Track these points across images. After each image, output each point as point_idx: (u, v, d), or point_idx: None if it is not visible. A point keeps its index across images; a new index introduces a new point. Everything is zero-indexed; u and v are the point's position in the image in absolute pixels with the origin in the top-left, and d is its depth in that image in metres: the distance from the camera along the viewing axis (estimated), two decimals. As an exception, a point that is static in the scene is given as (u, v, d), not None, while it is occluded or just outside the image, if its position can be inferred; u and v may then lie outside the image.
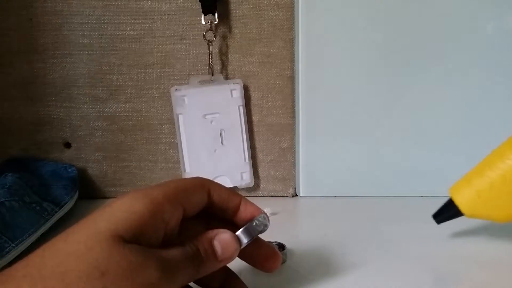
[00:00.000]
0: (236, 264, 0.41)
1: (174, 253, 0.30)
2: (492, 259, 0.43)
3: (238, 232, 0.33)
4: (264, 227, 0.34)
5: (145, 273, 0.27)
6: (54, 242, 0.28)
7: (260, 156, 0.61)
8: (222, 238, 0.32)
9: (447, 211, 0.44)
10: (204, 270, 0.31)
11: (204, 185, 0.33)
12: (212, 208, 0.34)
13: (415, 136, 0.57)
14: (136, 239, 0.28)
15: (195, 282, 0.34)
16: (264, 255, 0.35)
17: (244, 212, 0.35)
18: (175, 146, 0.60)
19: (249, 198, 0.61)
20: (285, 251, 0.42)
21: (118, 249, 0.27)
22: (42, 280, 0.25)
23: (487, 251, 0.44)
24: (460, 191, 0.43)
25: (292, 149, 0.61)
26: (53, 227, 0.52)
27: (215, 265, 0.32)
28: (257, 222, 0.34)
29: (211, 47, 0.58)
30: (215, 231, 0.32)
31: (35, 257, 0.27)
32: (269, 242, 0.43)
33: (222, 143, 0.58)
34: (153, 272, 0.28)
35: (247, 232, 0.33)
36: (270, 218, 0.35)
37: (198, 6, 0.57)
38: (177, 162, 0.60)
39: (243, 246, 0.33)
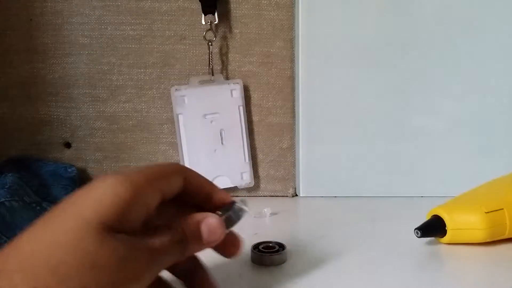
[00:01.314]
0: (236, 265, 0.41)
1: (162, 240, 0.30)
2: (491, 259, 0.43)
3: (223, 218, 0.34)
4: (245, 213, 0.35)
5: (135, 265, 0.28)
6: (40, 229, 0.27)
7: (260, 156, 0.61)
8: (210, 222, 0.32)
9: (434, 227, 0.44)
10: (188, 252, 0.32)
11: (181, 170, 0.34)
12: (186, 193, 0.34)
13: (415, 136, 0.57)
14: (121, 225, 0.28)
15: None
16: (227, 240, 0.35)
17: (216, 199, 0.35)
18: (175, 146, 0.60)
19: (249, 198, 0.61)
20: (285, 251, 0.42)
21: (108, 241, 0.27)
22: (34, 275, 0.25)
23: (487, 250, 0.44)
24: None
25: (292, 149, 0.61)
26: (53, 227, 0.52)
27: (199, 248, 0.32)
28: (239, 208, 0.35)
29: (211, 47, 0.58)
30: (203, 214, 0.33)
31: (23, 246, 0.27)
32: (269, 242, 0.43)
33: (222, 143, 0.58)
34: (143, 263, 0.28)
35: (231, 218, 0.34)
36: (270, 218, 0.35)
37: (198, 6, 0.57)
38: (177, 162, 0.59)
39: (227, 231, 0.33)
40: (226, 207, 0.35)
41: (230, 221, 0.34)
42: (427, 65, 0.56)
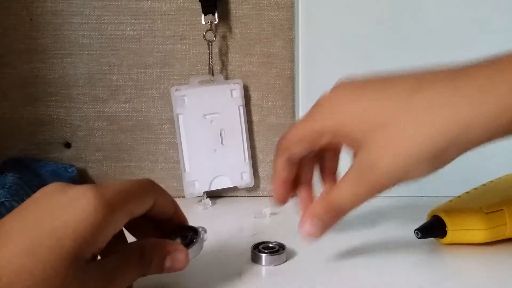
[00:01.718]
0: (236, 265, 0.41)
1: (129, 271, 0.32)
2: (491, 259, 0.43)
3: (191, 248, 0.35)
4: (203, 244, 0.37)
5: None
6: (15, 239, 0.27)
7: (260, 156, 0.61)
8: (176, 258, 0.33)
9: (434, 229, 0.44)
10: (147, 275, 0.33)
11: (153, 191, 0.34)
12: (151, 209, 0.34)
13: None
14: (91, 249, 0.29)
15: None
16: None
17: (176, 219, 0.36)
18: (175, 146, 0.60)
19: (249, 198, 0.62)
20: (285, 251, 0.42)
21: (79, 273, 0.28)
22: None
23: (487, 250, 0.44)
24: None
25: (292, 149, 0.61)
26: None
27: (158, 273, 0.34)
28: (203, 238, 0.36)
29: (211, 47, 0.58)
30: (171, 247, 0.34)
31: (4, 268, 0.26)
32: (269, 242, 0.43)
33: (222, 143, 0.58)
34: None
35: (197, 248, 0.35)
36: (270, 218, 0.36)
37: (198, 6, 0.57)
38: (177, 162, 0.59)
39: (190, 260, 0.35)
40: (184, 231, 0.36)
41: (196, 251, 0.35)
42: (428, 65, 0.56)
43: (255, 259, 0.42)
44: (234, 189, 0.60)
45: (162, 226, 0.36)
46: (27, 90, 0.59)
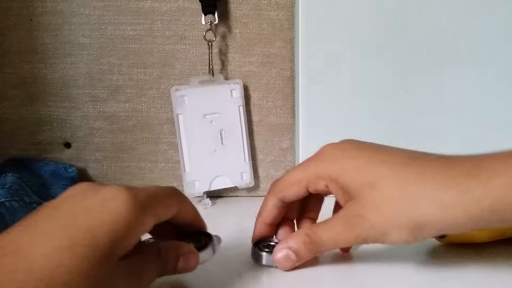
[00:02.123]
0: (236, 264, 0.41)
1: (152, 270, 0.33)
2: (491, 259, 0.43)
3: (203, 252, 0.36)
4: (216, 252, 0.38)
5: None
6: (51, 236, 0.28)
7: (260, 156, 0.61)
8: (188, 259, 0.35)
9: None
10: (164, 275, 0.35)
11: (179, 199, 0.36)
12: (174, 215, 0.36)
13: (415, 136, 0.57)
14: (123, 249, 0.30)
15: None
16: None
17: (195, 225, 0.38)
18: (175, 146, 0.60)
19: (249, 198, 0.62)
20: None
21: (112, 270, 0.29)
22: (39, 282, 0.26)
23: (487, 250, 0.44)
24: None
25: (292, 149, 0.61)
26: (53, 227, 0.52)
27: (172, 273, 0.35)
28: (215, 244, 0.38)
29: (211, 47, 0.58)
30: (185, 248, 0.35)
31: (33, 248, 0.27)
32: (270, 239, 0.43)
33: (222, 143, 0.58)
34: (133, 285, 0.31)
35: (208, 253, 0.37)
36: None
37: (198, 6, 0.57)
38: (177, 162, 0.60)
39: (202, 262, 0.36)
40: (199, 236, 0.38)
41: (205, 256, 0.37)
42: (428, 65, 0.56)
43: (256, 257, 0.41)
44: (234, 189, 0.60)
45: (179, 229, 0.38)
46: (27, 90, 0.59)
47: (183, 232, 0.38)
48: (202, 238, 0.38)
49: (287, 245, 0.39)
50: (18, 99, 0.60)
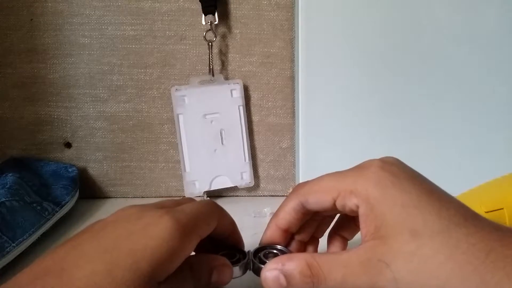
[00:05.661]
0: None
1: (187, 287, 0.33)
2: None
3: (239, 265, 0.36)
4: (247, 269, 0.37)
5: None
6: (92, 260, 0.28)
7: (260, 156, 0.61)
8: (222, 272, 0.35)
9: None
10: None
11: (218, 214, 0.36)
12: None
13: (415, 136, 0.57)
14: (166, 272, 0.30)
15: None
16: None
17: (232, 239, 0.38)
18: (175, 146, 0.60)
19: (249, 198, 0.62)
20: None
21: None
22: None
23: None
24: None
25: (292, 149, 0.61)
26: (54, 227, 0.52)
27: (205, 287, 0.34)
28: (249, 262, 0.37)
29: (211, 47, 0.58)
30: (218, 261, 0.35)
31: (72, 285, 0.27)
32: (273, 247, 0.42)
33: (222, 143, 0.59)
34: None
35: (241, 268, 0.36)
36: (270, 218, 0.36)
37: (198, 6, 0.57)
38: (177, 162, 0.60)
39: (235, 277, 0.35)
40: (234, 251, 0.37)
41: (243, 269, 0.36)
42: (428, 65, 0.56)
43: (257, 271, 0.36)
44: (234, 189, 0.60)
45: (215, 242, 0.37)
46: (27, 90, 0.60)
47: (219, 246, 0.37)
48: (236, 253, 0.37)
49: (281, 267, 0.32)
50: (19, 99, 0.60)
